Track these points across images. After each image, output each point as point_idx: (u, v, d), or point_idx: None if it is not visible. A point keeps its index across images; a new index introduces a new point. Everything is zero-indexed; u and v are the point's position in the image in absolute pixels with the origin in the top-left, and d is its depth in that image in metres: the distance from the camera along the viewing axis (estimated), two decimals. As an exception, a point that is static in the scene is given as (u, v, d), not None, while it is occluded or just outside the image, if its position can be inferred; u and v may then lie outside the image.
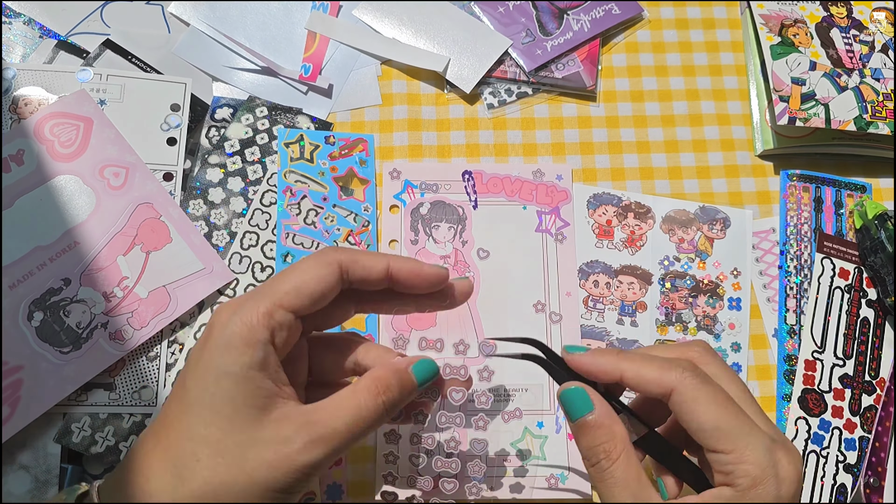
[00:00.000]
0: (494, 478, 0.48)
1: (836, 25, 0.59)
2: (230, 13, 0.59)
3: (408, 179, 0.55)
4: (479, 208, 0.55)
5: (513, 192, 0.55)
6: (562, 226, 0.54)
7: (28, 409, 0.46)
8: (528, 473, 0.48)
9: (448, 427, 0.49)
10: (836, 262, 0.54)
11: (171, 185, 0.52)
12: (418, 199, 0.54)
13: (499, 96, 0.58)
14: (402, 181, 0.55)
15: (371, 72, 0.58)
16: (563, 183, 0.55)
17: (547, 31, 0.59)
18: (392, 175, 0.55)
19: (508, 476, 0.48)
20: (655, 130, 0.58)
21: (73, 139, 0.52)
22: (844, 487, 0.48)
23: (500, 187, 0.55)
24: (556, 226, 0.54)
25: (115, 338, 0.48)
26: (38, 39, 0.56)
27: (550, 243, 0.54)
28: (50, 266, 0.49)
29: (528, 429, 0.49)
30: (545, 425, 0.49)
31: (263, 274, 0.51)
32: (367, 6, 0.60)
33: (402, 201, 0.54)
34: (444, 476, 0.47)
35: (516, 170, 0.56)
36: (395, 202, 0.54)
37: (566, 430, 0.49)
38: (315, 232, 0.52)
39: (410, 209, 0.54)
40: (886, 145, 0.56)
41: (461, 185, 0.55)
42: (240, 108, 0.55)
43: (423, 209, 0.54)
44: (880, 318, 0.53)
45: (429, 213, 0.54)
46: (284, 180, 0.53)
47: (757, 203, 0.56)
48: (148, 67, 0.56)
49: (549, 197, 0.55)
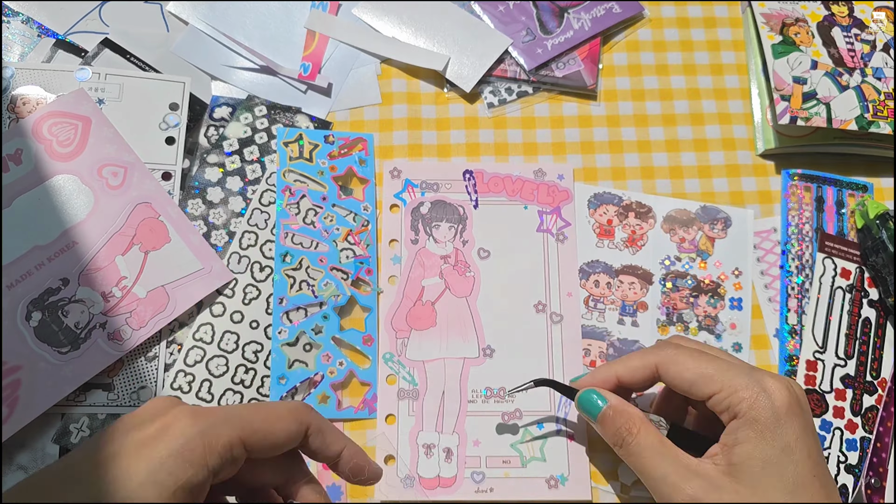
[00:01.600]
0: (494, 479, 0.47)
1: (837, 24, 0.59)
2: (229, 12, 0.59)
3: (408, 178, 0.55)
4: (480, 208, 0.54)
5: (514, 191, 0.55)
6: (563, 226, 0.54)
7: (26, 409, 0.46)
8: (528, 475, 0.48)
9: (448, 428, 0.49)
10: (838, 261, 0.53)
11: (170, 185, 0.52)
12: (419, 198, 0.54)
13: (499, 95, 0.58)
14: (403, 180, 0.55)
15: (371, 71, 0.58)
16: (565, 182, 0.55)
17: (547, 29, 0.59)
18: (392, 174, 0.55)
19: (508, 477, 0.47)
20: (656, 129, 0.58)
21: (71, 138, 0.51)
22: (846, 488, 0.48)
23: (501, 187, 0.55)
24: (557, 226, 0.54)
25: (113, 338, 0.48)
26: (37, 38, 0.56)
27: (551, 243, 0.54)
28: (48, 266, 0.49)
29: (528, 430, 0.49)
30: (545, 427, 0.49)
31: (262, 273, 0.51)
32: (367, 5, 0.60)
33: (402, 200, 0.54)
34: (443, 476, 0.47)
35: (517, 169, 0.55)
36: (395, 201, 0.54)
37: (567, 431, 0.49)
38: (314, 231, 0.52)
39: (411, 208, 0.54)
40: (888, 145, 0.56)
41: (462, 185, 0.55)
42: (239, 108, 0.55)
43: (423, 208, 0.54)
44: (882, 319, 0.52)
45: (429, 212, 0.54)
46: (283, 180, 0.53)
47: (758, 203, 0.56)
48: (146, 66, 0.55)
49: (550, 197, 0.55)
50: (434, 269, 0.52)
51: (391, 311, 0.51)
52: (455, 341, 0.51)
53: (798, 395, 0.39)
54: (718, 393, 0.39)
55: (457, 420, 0.49)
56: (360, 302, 0.51)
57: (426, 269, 0.52)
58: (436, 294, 0.52)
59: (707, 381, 0.40)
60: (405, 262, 0.52)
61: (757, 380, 0.39)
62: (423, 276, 0.52)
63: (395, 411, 0.49)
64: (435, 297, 0.52)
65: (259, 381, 0.49)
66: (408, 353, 0.50)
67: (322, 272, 0.51)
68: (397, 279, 0.52)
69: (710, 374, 0.40)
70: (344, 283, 0.51)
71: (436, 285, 0.52)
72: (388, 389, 0.49)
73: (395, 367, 0.50)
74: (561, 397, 0.49)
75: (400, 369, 0.50)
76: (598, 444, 0.48)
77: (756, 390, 0.38)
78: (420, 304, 0.52)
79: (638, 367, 0.43)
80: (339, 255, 0.52)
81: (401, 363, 0.50)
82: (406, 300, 0.52)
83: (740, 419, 0.38)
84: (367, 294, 0.51)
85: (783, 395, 0.38)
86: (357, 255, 0.52)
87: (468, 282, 0.52)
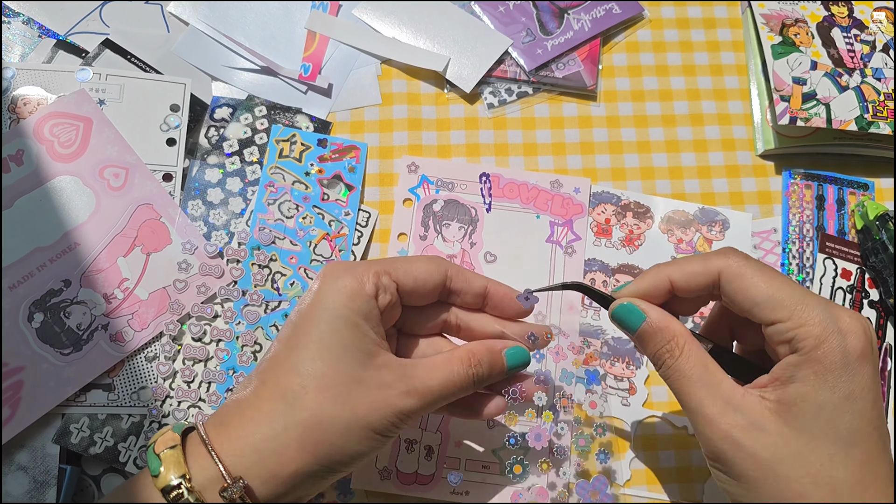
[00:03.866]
0: (472, 482, 0.47)
1: (837, 25, 0.59)
2: (230, 13, 0.59)
3: (425, 174, 0.55)
4: (493, 212, 0.54)
5: (528, 199, 0.55)
6: (573, 239, 0.54)
7: (29, 410, 0.46)
8: (506, 483, 0.47)
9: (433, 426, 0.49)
10: (838, 262, 0.54)
11: (171, 186, 0.52)
12: (433, 195, 0.54)
13: (499, 96, 0.58)
14: (419, 175, 0.55)
15: (371, 71, 0.58)
16: (580, 196, 0.55)
17: (547, 30, 0.59)
18: (410, 168, 0.55)
19: (485, 483, 0.47)
20: (656, 130, 0.58)
21: (72, 139, 0.52)
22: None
23: (515, 193, 0.55)
24: (567, 238, 0.54)
25: (115, 339, 0.48)
26: (38, 39, 0.56)
27: (559, 255, 0.53)
28: (50, 267, 0.49)
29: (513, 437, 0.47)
30: (529, 437, 0.46)
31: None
32: (367, 6, 0.60)
33: (416, 195, 0.54)
34: (420, 473, 0.47)
35: (534, 178, 0.55)
36: (409, 196, 0.54)
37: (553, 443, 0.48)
38: (289, 230, 0.52)
39: (424, 204, 0.54)
40: (887, 145, 0.56)
41: (477, 187, 0.55)
42: (239, 108, 0.55)
43: (436, 206, 0.54)
44: (882, 319, 0.53)
45: (442, 210, 0.54)
46: (269, 175, 0.53)
47: (758, 203, 0.56)
48: (147, 67, 0.56)
49: (563, 209, 0.55)
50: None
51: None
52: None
53: (872, 339, 0.35)
54: (786, 321, 0.35)
55: (441, 419, 0.49)
56: None
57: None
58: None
59: (776, 305, 0.35)
60: None
61: (833, 316, 0.34)
62: None
63: None
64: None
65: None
66: None
67: (291, 271, 0.51)
68: None
69: (781, 298, 0.35)
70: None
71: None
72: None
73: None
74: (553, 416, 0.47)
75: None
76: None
77: (830, 329, 0.34)
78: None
79: (698, 272, 0.37)
80: (311, 256, 0.52)
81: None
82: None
83: (803, 355, 0.34)
84: None
85: (859, 339, 0.34)
86: (328, 259, 0.52)
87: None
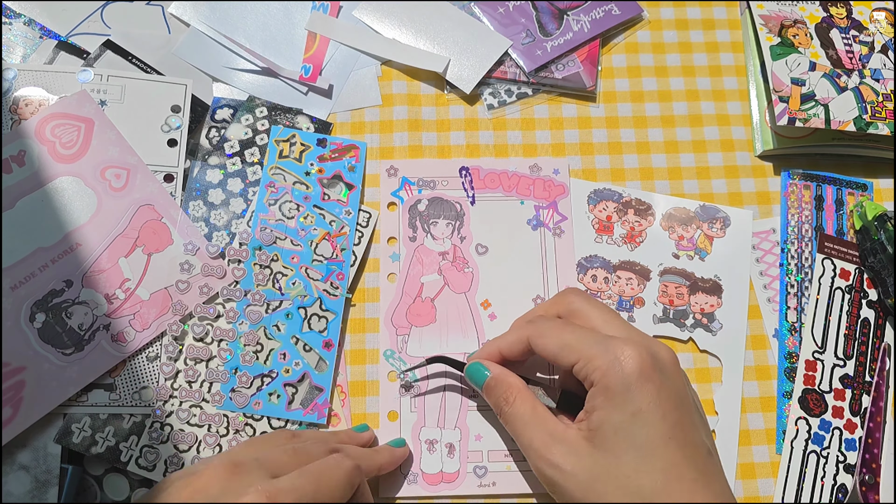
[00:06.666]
0: (497, 472, 0.48)
1: (835, 26, 0.59)
2: (230, 14, 0.59)
3: (405, 176, 0.55)
4: (477, 204, 0.55)
5: (510, 187, 0.55)
6: (560, 220, 0.54)
7: (31, 410, 0.46)
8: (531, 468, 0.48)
9: (450, 423, 0.49)
10: (837, 262, 0.54)
11: (172, 187, 0.52)
12: (416, 195, 0.55)
13: (499, 97, 0.58)
14: (400, 178, 0.55)
15: (371, 72, 0.59)
16: (560, 177, 0.55)
17: (547, 31, 0.59)
18: (389, 172, 0.55)
19: (510, 470, 0.48)
20: (655, 131, 0.58)
21: (74, 140, 0.52)
22: (845, 488, 0.48)
23: (497, 182, 0.55)
24: (553, 220, 0.54)
25: (117, 339, 0.48)
26: (39, 40, 0.56)
27: (549, 238, 0.54)
28: (52, 268, 0.49)
29: None
30: None
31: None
32: (367, 7, 0.60)
33: (399, 198, 0.54)
34: (445, 472, 0.47)
35: (513, 165, 0.56)
36: (392, 199, 0.54)
37: None
38: (290, 230, 0.52)
39: (408, 206, 0.54)
40: (886, 146, 0.56)
41: (458, 181, 0.55)
42: (240, 109, 0.56)
43: (420, 206, 0.54)
44: (881, 319, 0.53)
45: (427, 209, 0.54)
46: (269, 176, 0.53)
47: (757, 203, 0.56)
48: (148, 68, 0.56)
49: (546, 191, 0.55)
50: (433, 265, 0.53)
51: (391, 308, 0.52)
52: (455, 337, 0.51)
53: (658, 360, 0.41)
54: (577, 362, 0.41)
55: (458, 415, 0.49)
56: (325, 305, 0.51)
57: (425, 266, 0.53)
58: (435, 290, 0.52)
59: (568, 351, 0.42)
60: (404, 259, 0.53)
61: (609, 348, 0.40)
62: (421, 273, 0.53)
63: (396, 408, 0.49)
64: (434, 293, 0.52)
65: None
66: (408, 349, 0.51)
67: (293, 270, 0.51)
68: (396, 276, 0.52)
69: (569, 344, 0.42)
70: (313, 285, 0.51)
71: (435, 282, 0.52)
72: (390, 386, 0.50)
73: (395, 364, 0.50)
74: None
75: (401, 366, 0.50)
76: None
77: (608, 359, 0.40)
78: (419, 301, 0.52)
79: (513, 341, 0.45)
80: (312, 255, 0.52)
81: (402, 360, 0.50)
82: (406, 297, 0.52)
83: (596, 387, 0.40)
84: (335, 298, 0.51)
85: (633, 363, 0.39)
86: (330, 258, 0.52)
87: (467, 278, 0.53)
